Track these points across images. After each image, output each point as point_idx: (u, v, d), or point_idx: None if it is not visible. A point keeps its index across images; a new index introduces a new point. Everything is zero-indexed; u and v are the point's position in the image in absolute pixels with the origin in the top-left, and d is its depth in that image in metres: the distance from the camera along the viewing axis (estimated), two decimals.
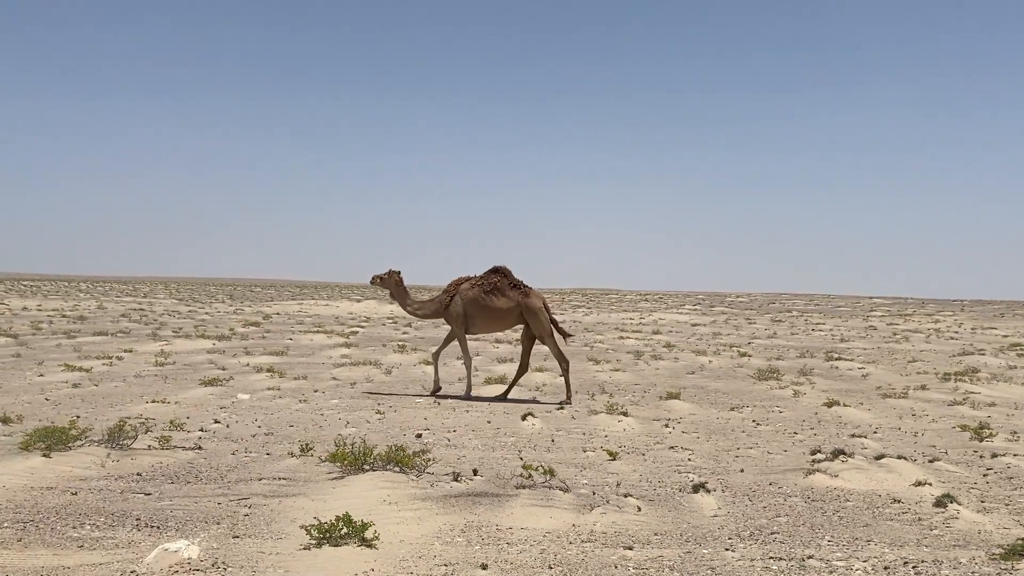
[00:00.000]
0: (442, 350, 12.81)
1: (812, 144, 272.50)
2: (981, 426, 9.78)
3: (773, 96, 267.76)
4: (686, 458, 8.03)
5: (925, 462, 7.83)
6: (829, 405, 11.89)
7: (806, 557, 4.76)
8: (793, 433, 9.73)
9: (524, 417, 10.23)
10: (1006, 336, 31.55)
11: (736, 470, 7.47)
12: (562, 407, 11.35)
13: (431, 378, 13.80)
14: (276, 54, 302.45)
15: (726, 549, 4.92)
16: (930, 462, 7.86)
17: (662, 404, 11.92)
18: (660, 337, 28.01)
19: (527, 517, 5.43)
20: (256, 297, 64.95)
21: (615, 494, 6.19)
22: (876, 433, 9.81)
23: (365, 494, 5.83)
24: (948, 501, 6.04)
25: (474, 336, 22.51)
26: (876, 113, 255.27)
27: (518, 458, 7.78)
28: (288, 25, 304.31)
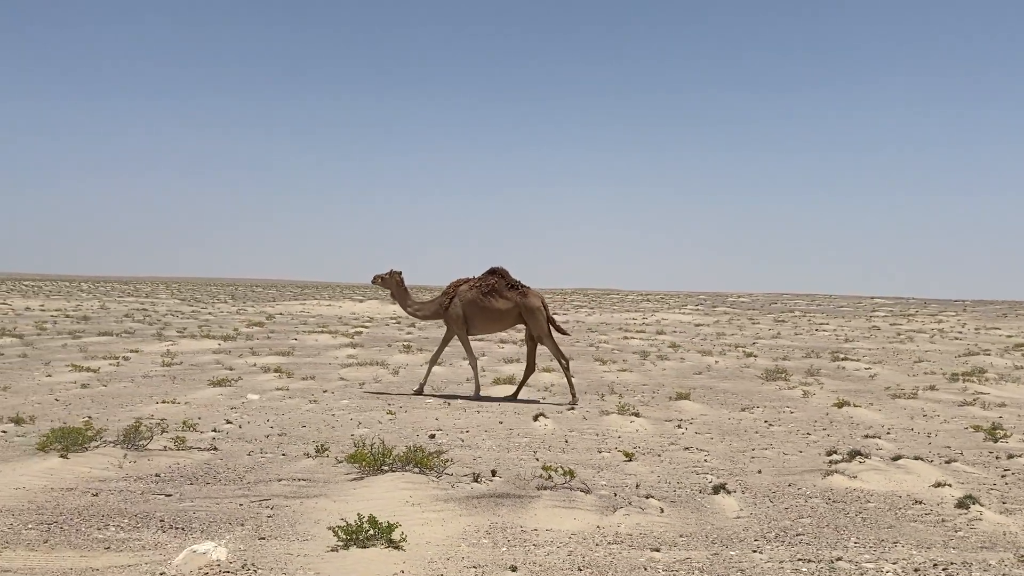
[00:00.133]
0: (439, 354, 12.81)
1: (812, 144, 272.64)
2: (994, 427, 9.77)
3: (773, 96, 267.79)
4: (702, 459, 8.01)
5: (942, 463, 7.81)
6: (840, 406, 11.88)
7: (835, 559, 4.75)
8: (806, 434, 9.71)
9: (536, 418, 10.22)
10: (1010, 336, 31.54)
11: (754, 471, 7.46)
12: (572, 407, 11.34)
13: (439, 379, 13.82)
14: (277, 54, 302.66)
15: (753, 551, 4.91)
16: (947, 463, 7.84)
17: (672, 405, 11.91)
18: (664, 337, 28.00)
19: (551, 518, 5.41)
20: (258, 297, 64.93)
21: (636, 495, 6.17)
22: (889, 434, 9.79)
23: (387, 495, 5.81)
24: (970, 503, 6.02)
25: (476, 337, 22.61)
26: (876, 113, 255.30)
27: (534, 459, 7.76)
28: (288, 25, 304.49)
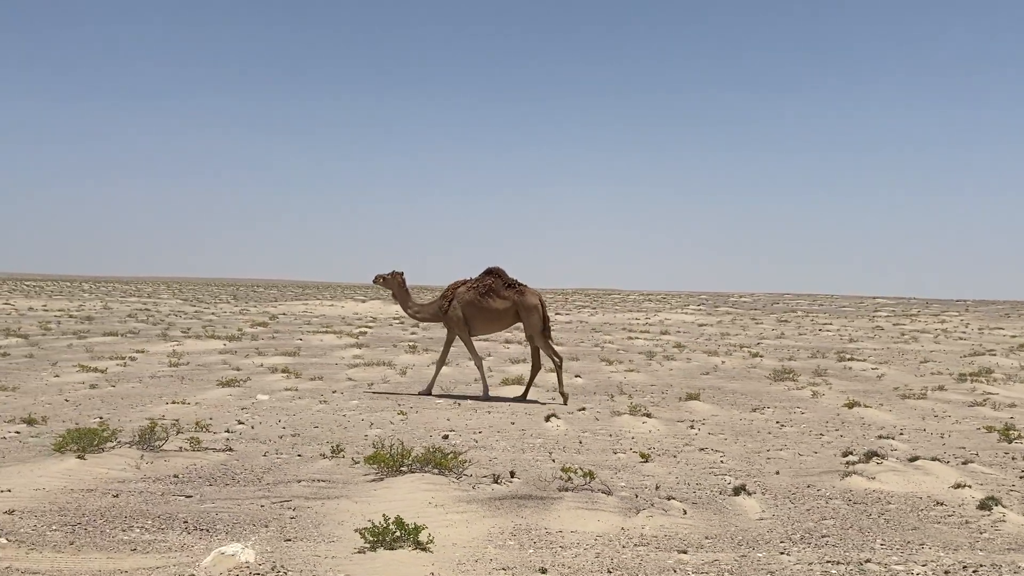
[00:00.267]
0: (445, 355, 12.78)
1: (812, 144, 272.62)
2: (1007, 428, 9.75)
3: (773, 96, 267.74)
4: (718, 460, 7.99)
5: (958, 464, 7.80)
6: (850, 406, 11.86)
7: (863, 561, 4.73)
8: (819, 434, 9.70)
9: (548, 419, 10.20)
10: (1014, 336, 31.55)
11: (771, 472, 7.44)
12: (583, 409, 11.31)
13: (447, 380, 13.78)
14: (277, 55, 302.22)
15: (781, 553, 4.88)
16: (963, 464, 7.82)
17: (683, 405, 11.89)
18: (669, 337, 27.99)
19: (575, 520, 5.39)
20: (260, 297, 64.90)
21: (657, 497, 6.15)
22: (902, 435, 9.77)
23: (409, 496, 5.79)
24: (992, 504, 6.00)
25: (481, 338, 22.56)
26: (876, 113, 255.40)
27: (550, 460, 7.74)
28: (288, 26, 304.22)
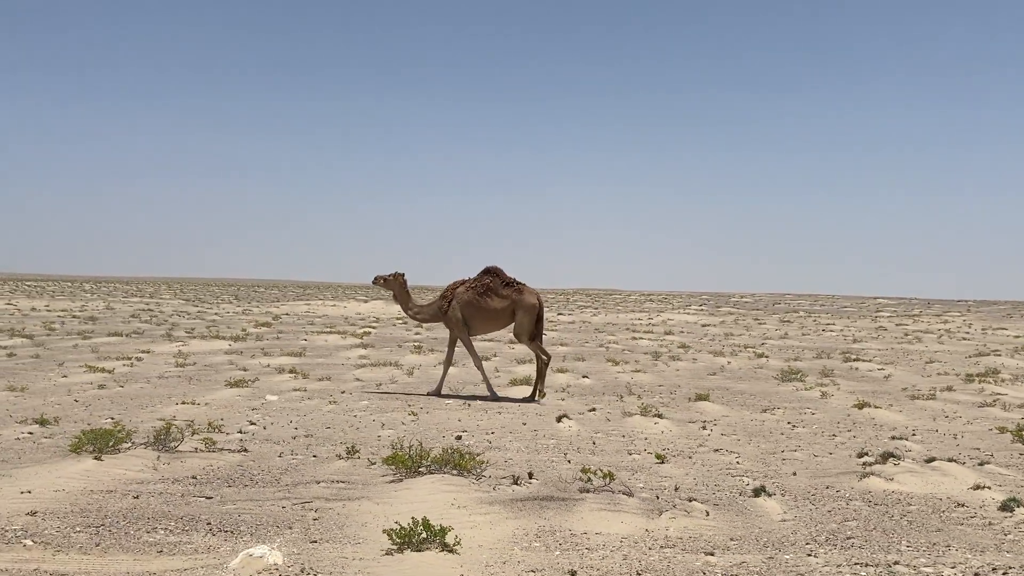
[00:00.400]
0: (451, 356, 12.76)
1: (812, 144, 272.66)
2: (1020, 428, 9.73)
3: (773, 96, 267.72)
4: (734, 461, 7.97)
5: (975, 465, 7.78)
6: (860, 407, 11.85)
7: (892, 563, 4.71)
8: (832, 435, 9.68)
9: (559, 419, 10.18)
10: (1018, 337, 31.54)
11: (788, 473, 7.42)
12: (594, 409, 11.29)
13: (455, 381, 13.77)
14: (278, 56, 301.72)
15: (808, 555, 4.87)
16: (979, 465, 7.80)
17: (693, 406, 11.87)
18: (673, 338, 27.98)
19: (599, 522, 5.37)
20: (261, 297, 64.87)
21: (678, 498, 6.13)
22: (915, 435, 9.76)
23: (430, 497, 5.77)
24: (1014, 505, 5.99)
25: (485, 337, 22.52)
26: (876, 113, 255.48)
27: (565, 461, 7.72)
28: (288, 26, 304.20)
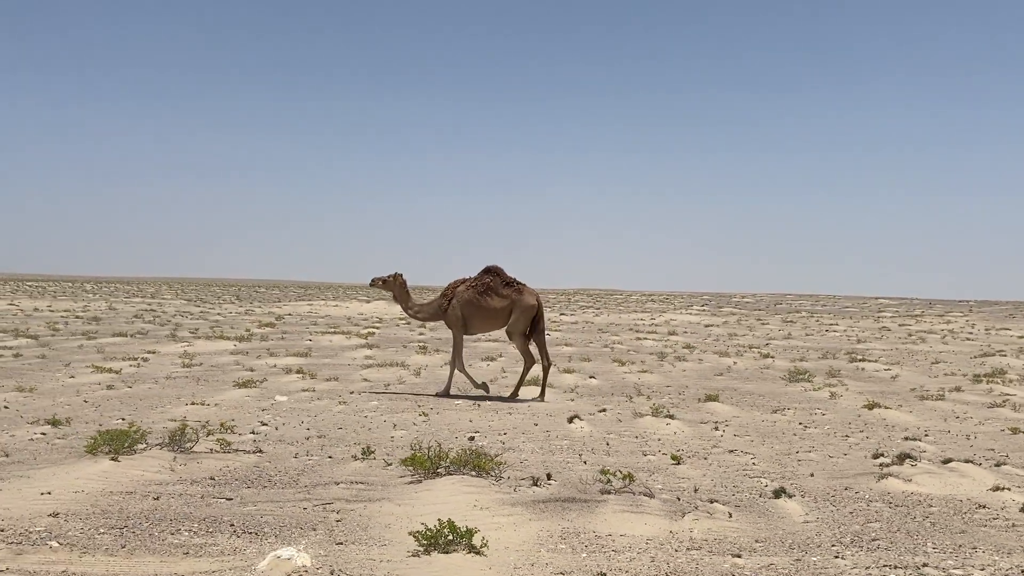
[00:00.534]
0: (460, 358, 12.71)
1: (812, 144, 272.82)
2: None
3: (773, 96, 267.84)
4: (749, 462, 7.95)
5: (991, 466, 7.76)
6: (870, 407, 11.82)
7: (920, 565, 4.69)
8: (844, 436, 9.66)
9: (570, 420, 10.15)
10: (1022, 337, 31.53)
11: (805, 474, 7.40)
12: (604, 410, 11.27)
13: (463, 381, 13.60)
14: (277, 56, 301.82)
15: (835, 557, 4.85)
16: (996, 466, 7.79)
17: (702, 407, 11.85)
18: (677, 338, 27.96)
19: (622, 523, 5.34)
20: (263, 298, 64.83)
21: (699, 500, 6.11)
22: (928, 436, 9.74)
23: (452, 499, 5.74)
24: None
25: (488, 338, 22.44)
26: (876, 113, 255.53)
27: (580, 462, 7.70)
28: (288, 27, 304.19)
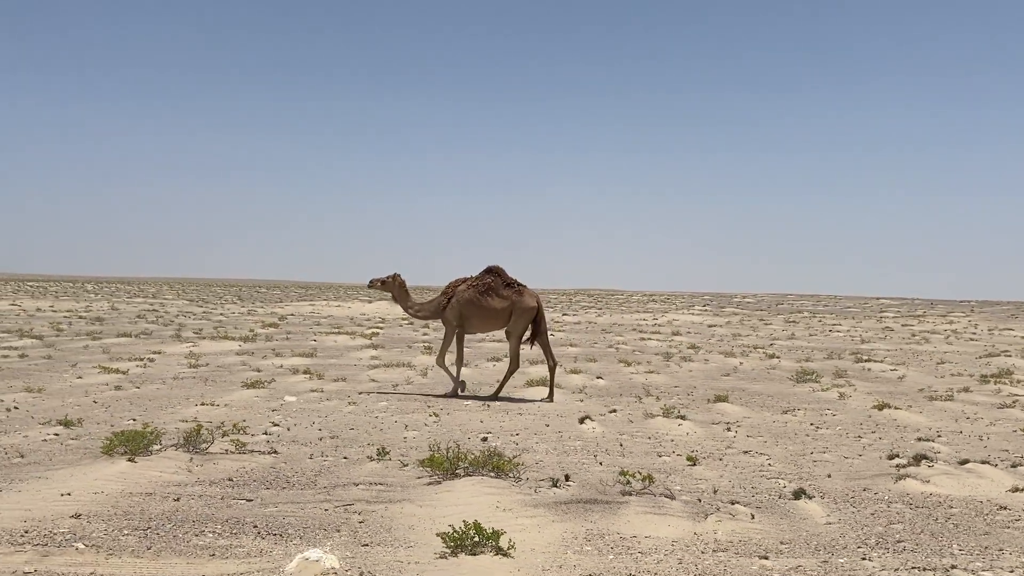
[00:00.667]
0: (462, 357, 12.71)
1: (812, 144, 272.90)
2: None
3: (773, 96, 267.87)
4: (765, 463, 7.93)
5: (1008, 467, 7.74)
6: (880, 408, 11.80)
7: (949, 567, 4.67)
8: (857, 437, 9.64)
9: (582, 420, 10.14)
10: None
11: (823, 475, 7.38)
12: (615, 411, 11.25)
13: (470, 382, 13.63)
14: (278, 56, 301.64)
15: (862, 558, 4.83)
16: (1012, 467, 7.76)
17: (713, 407, 11.83)
18: (681, 338, 27.94)
19: (646, 525, 5.32)
20: (264, 298, 64.81)
21: (720, 501, 6.09)
22: (941, 437, 9.72)
23: (474, 500, 5.72)
24: None
25: (490, 338, 22.40)
26: (876, 113, 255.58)
27: (596, 463, 7.68)
28: (288, 27, 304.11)
